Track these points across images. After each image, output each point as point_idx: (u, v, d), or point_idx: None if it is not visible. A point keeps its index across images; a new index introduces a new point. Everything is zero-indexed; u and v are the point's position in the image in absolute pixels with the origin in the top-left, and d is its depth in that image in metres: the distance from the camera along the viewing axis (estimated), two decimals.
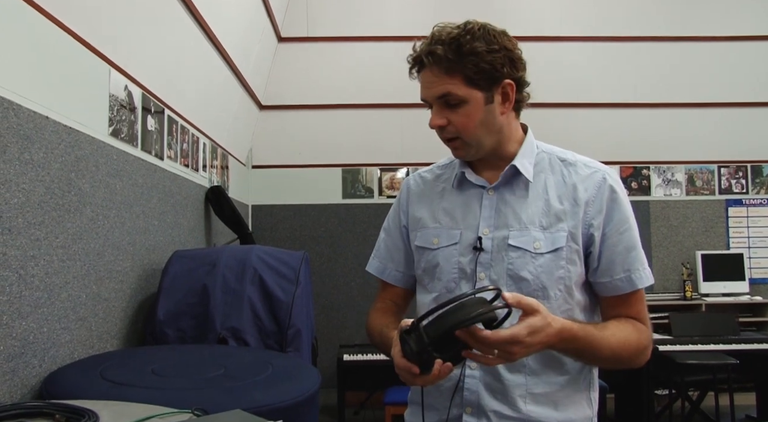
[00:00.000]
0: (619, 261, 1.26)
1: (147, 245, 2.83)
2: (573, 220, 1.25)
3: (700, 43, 5.23)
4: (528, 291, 1.22)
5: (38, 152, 1.88)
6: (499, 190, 1.31)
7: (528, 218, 1.27)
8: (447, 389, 1.27)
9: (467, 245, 1.29)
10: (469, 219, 1.31)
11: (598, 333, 1.20)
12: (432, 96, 1.25)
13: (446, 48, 1.21)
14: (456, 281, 1.29)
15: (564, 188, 1.28)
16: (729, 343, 4.16)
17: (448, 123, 1.26)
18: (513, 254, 1.25)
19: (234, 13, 3.81)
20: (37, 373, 1.85)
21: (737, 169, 5.73)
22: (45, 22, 1.92)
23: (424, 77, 1.26)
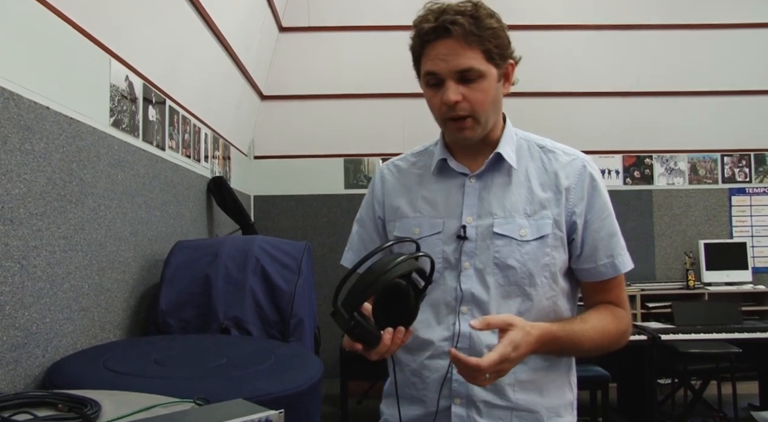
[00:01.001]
0: (602, 247, 1.27)
1: (149, 236, 2.83)
2: (557, 207, 1.25)
3: (704, 31, 5.20)
4: (515, 279, 1.23)
5: (39, 143, 1.88)
6: (481, 177, 1.29)
7: (512, 205, 1.26)
8: (434, 381, 1.26)
9: (451, 234, 1.26)
10: (452, 208, 1.28)
11: (578, 327, 1.22)
12: (451, 69, 1.19)
13: (468, 19, 1.17)
14: (440, 271, 1.26)
15: (545, 175, 1.28)
16: (732, 332, 4.16)
17: (464, 99, 1.20)
18: (499, 242, 1.24)
19: (235, 3, 3.79)
20: (40, 363, 1.86)
21: (740, 157, 5.71)
22: (45, 12, 1.91)
23: (440, 48, 1.19)
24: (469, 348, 1.22)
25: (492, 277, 1.23)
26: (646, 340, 4.05)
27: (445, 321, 1.25)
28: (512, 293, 1.24)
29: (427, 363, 1.26)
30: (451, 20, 1.17)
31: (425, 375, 1.26)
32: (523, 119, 3.93)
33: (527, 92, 5.23)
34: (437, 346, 1.25)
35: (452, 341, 1.23)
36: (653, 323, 4.60)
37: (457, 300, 1.25)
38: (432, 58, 1.20)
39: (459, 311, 1.24)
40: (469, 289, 1.24)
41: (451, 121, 1.23)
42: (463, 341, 1.23)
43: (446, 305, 1.26)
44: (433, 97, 1.24)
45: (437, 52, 1.19)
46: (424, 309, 1.24)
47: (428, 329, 1.26)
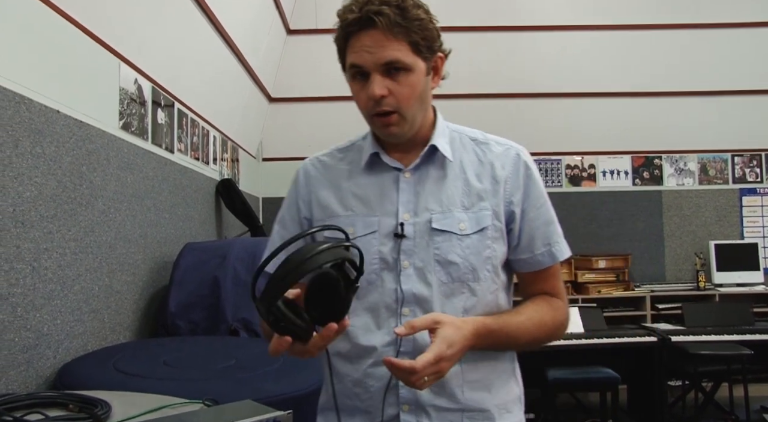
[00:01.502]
0: (540, 236, 1.24)
1: (158, 238, 2.85)
2: (494, 198, 1.21)
3: (713, 30, 5.16)
4: (458, 275, 1.18)
5: (50, 146, 1.89)
6: (416, 172, 1.23)
7: (449, 199, 1.21)
8: (379, 389, 1.18)
9: (387, 233, 1.19)
10: (386, 205, 1.21)
11: (513, 320, 1.19)
12: (376, 62, 1.12)
13: (394, 9, 1.11)
14: (377, 273, 1.19)
15: (481, 166, 1.24)
16: (743, 333, 4.13)
17: (390, 94, 1.14)
18: (438, 238, 1.18)
19: (243, 6, 3.81)
20: (51, 364, 1.87)
21: (751, 157, 5.67)
22: (55, 17, 1.93)
23: (365, 40, 1.13)
24: (413, 351, 1.14)
25: (434, 275, 1.18)
26: (657, 342, 4.03)
27: (386, 324, 1.18)
28: (456, 290, 1.19)
29: (371, 371, 1.19)
30: (375, 10, 1.11)
31: (369, 384, 1.19)
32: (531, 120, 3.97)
33: (535, 93, 5.22)
34: (380, 352, 1.17)
35: (395, 345, 1.16)
36: (663, 324, 4.58)
37: (398, 302, 1.18)
38: (357, 50, 1.14)
39: (401, 314, 1.18)
40: (410, 289, 1.18)
41: (377, 117, 1.17)
42: (406, 344, 1.16)
43: (386, 309, 1.18)
44: (359, 91, 1.17)
45: (362, 43, 1.13)
46: (361, 314, 1.19)
47: (369, 335, 1.19)
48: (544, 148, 5.48)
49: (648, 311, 5.05)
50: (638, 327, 4.44)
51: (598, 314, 4.30)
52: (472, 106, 5.15)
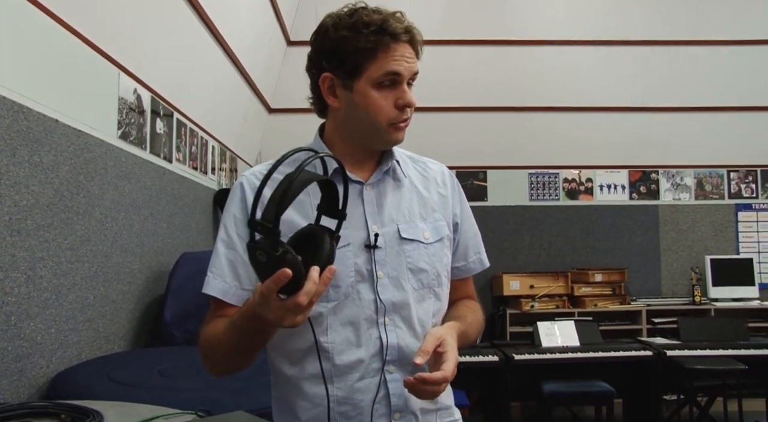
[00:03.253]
0: (471, 245, 1.36)
1: (155, 247, 2.85)
2: (444, 210, 1.30)
3: (710, 47, 5.21)
4: (427, 281, 1.24)
5: (48, 155, 1.90)
6: (376, 186, 1.26)
7: (409, 211, 1.26)
8: (367, 402, 1.17)
9: (359, 245, 1.20)
10: (354, 217, 1.20)
11: (466, 322, 1.28)
12: (410, 72, 1.21)
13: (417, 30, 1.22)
14: (353, 286, 1.18)
15: (427, 181, 1.32)
16: (738, 348, 4.13)
17: None
18: (407, 246, 1.23)
19: (243, 17, 3.83)
20: (45, 373, 1.87)
21: (747, 173, 5.69)
22: (55, 26, 1.94)
23: (405, 50, 1.19)
24: (398, 358, 1.18)
25: (407, 282, 1.21)
26: (652, 356, 4.02)
27: (368, 336, 1.18)
28: (425, 295, 1.24)
29: (358, 385, 1.17)
30: (414, 27, 1.21)
31: (358, 398, 1.17)
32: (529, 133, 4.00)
33: (534, 107, 5.25)
34: (368, 363, 1.17)
35: (381, 355, 1.17)
36: (659, 338, 4.57)
37: (378, 312, 1.18)
38: (398, 58, 1.18)
39: (383, 323, 1.18)
40: (389, 298, 1.19)
41: (395, 124, 1.22)
42: (392, 353, 1.17)
43: (366, 320, 1.18)
44: (384, 98, 1.19)
45: (403, 53, 1.19)
46: (340, 330, 1.18)
47: (352, 349, 1.17)
48: (541, 161, 5.50)
49: (644, 325, 5.05)
50: (634, 341, 4.44)
51: (594, 327, 4.30)
52: (470, 119, 5.18)
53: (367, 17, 1.19)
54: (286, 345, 1.21)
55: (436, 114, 4.88)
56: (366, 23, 1.18)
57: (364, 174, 1.26)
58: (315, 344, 1.15)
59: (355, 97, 1.20)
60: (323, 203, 1.06)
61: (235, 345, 1.12)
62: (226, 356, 1.18)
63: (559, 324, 4.25)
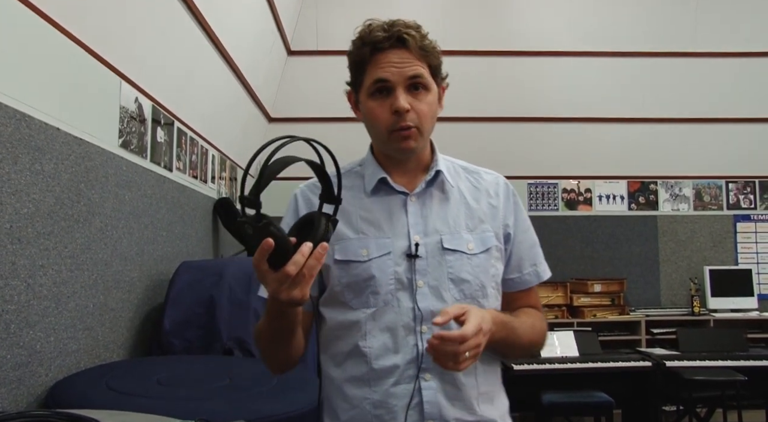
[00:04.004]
0: (527, 257, 1.34)
1: (155, 256, 2.85)
2: (493, 221, 1.30)
3: (709, 59, 5.23)
4: (470, 292, 1.24)
5: (49, 163, 1.90)
6: (421, 196, 1.29)
7: (454, 221, 1.27)
8: (401, 408, 1.20)
9: (400, 254, 1.24)
10: (397, 227, 1.26)
11: (516, 320, 1.27)
12: (403, 76, 1.20)
13: (418, 34, 1.22)
14: (393, 293, 1.22)
15: (477, 192, 1.33)
16: (737, 359, 4.12)
17: (411, 109, 1.21)
18: (449, 257, 1.24)
19: (244, 27, 3.85)
20: (43, 382, 1.86)
21: (745, 184, 5.70)
22: (57, 35, 1.95)
23: (392, 56, 1.21)
24: (434, 367, 1.18)
25: (448, 293, 1.23)
26: (651, 366, 4.02)
27: (405, 343, 1.21)
28: None
29: (393, 390, 1.21)
30: (405, 32, 1.21)
31: (392, 403, 1.20)
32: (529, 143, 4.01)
33: (533, 117, 5.27)
34: (403, 369, 1.21)
35: (417, 362, 1.20)
36: (658, 349, 4.57)
37: (416, 320, 1.21)
38: (383, 65, 1.21)
39: (420, 331, 1.21)
40: (428, 307, 1.21)
41: (396, 131, 1.22)
42: (428, 361, 1.18)
43: (404, 327, 1.22)
44: (378, 107, 1.22)
45: (389, 59, 1.21)
46: (378, 336, 1.22)
47: (389, 355, 1.22)
48: (540, 172, 5.51)
49: (643, 336, 5.04)
50: (633, 352, 4.43)
51: (593, 338, 4.29)
52: (469, 129, 5.19)
53: (359, 32, 1.25)
54: (331, 347, 1.27)
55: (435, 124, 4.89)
56: (357, 38, 1.25)
57: (410, 184, 1.30)
58: (356, 347, 1.22)
59: (362, 109, 1.27)
60: (324, 193, 1.13)
61: (268, 333, 1.20)
62: (266, 346, 1.25)
63: (558, 334, 4.24)
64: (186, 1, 2.82)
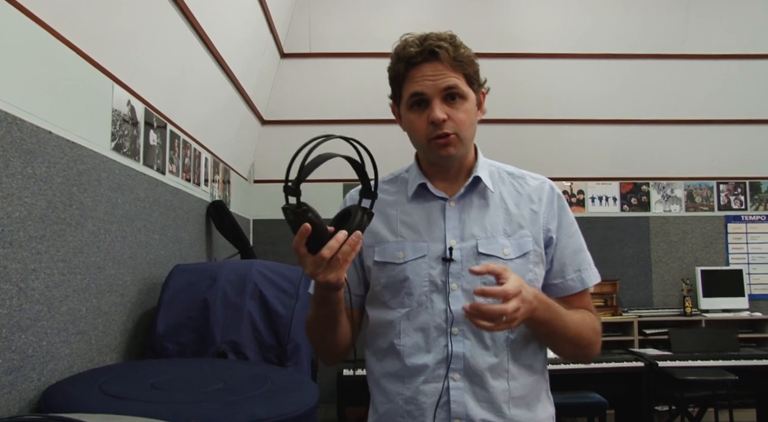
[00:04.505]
0: (570, 263, 1.35)
1: (148, 259, 2.84)
2: (533, 226, 1.32)
3: (700, 61, 5.26)
4: None
5: (41, 167, 1.90)
6: (460, 201, 1.33)
7: (492, 226, 1.30)
8: (430, 405, 1.25)
9: (436, 257, 1.29)
10: (435, 231, 1.31)
11: (562, 308, 1.27)
12: (438, 88, 1.25)
13: (450, 46, 1.25)
14: (427, 295, 1.28)
15: (519, 197, 1.35)
16: (729, 359, 4.15)
17: (449, 118, 1.26)
18: (484, 262, 1.27)
19: (237, 29, 3.85)
20: (36, 386, 1.86)
21: (736, 185, 5.74)
22: (48, 37, 1.94)
23: (426, 70, 1.26)
24: (463, 368, 1.24)
25: (481, 296, 1.24)
26: (644, 367, 4.04)
27: (437, 343, 1.26)
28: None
29: (423, 388, 1.26)
30: (436, 45, 1.25)
31: (421, 400, 1.26)
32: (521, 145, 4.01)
33: (525, 119, 5.28)
34: (432, 369, 1.26)
35: (446, 362, 1.25)
36: (650, 349, 4.59)
37: (447, 322, 1.26)
38: (418, 79, 1.26)
39: (450, 333, 1.26)
40: (459, 310, 1.24)
41: (435, 140, 1.27)
42: (457, 362, 1.25)
43: (436, 328, 1.27)
44: (417, 119, 1.28)
45: (423, 73, 1.26)
46: (412, 334, 1.28)
47: (420, 354, 1.27)
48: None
49: (635, 337, 5.06)
50: (626, 352, 4.45)
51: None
52: None
53: (394, 48, 1.31)
54: (373, 343, 1.36)
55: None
56: (393, 54, 1.31)
57: (451, 190, 1.34)
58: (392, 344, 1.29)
59: (404, 120, 1.33)
60: (363, 189, 1.21)
61: (314, 320, 1.27)
62: (314, 333, 1.32)
63: None
64: (179, 4, 2.82)
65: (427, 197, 1.34)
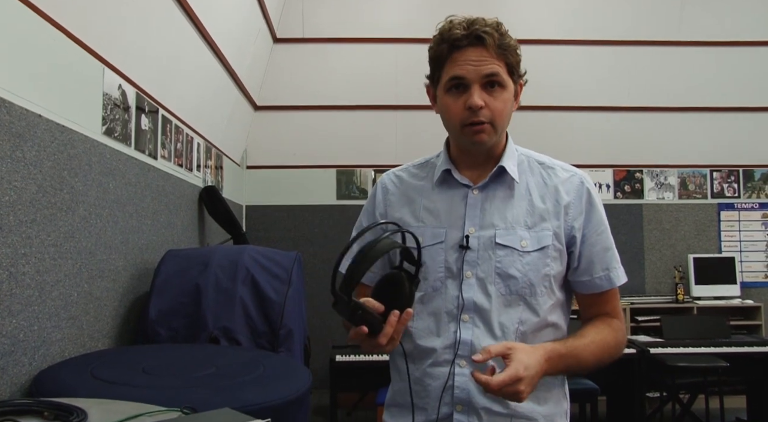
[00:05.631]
0: (598, 261, 1.32)
1: (140, 245, 2.83)
2: (556, 220, 1.29)
3: (695, 48, 5.26)
4: (516, 288, 1.26)
5: (30, 150, 1.88)
6: (484, 190, 1.32)
7: (513, 217, 1.29)
8: (436, 388, 1.27)
9: (453, 244, 1.29)
10: (454, 218, 1.31)
11: (579, 343, 1.26)
12: (480, 74, 1.23)
13: (496, 34, 1.24)
14: (442, 281, 1.29)
15: (546, 189, 1.32)
16: (720, 346, 4.18)
17: (486, 106, 1.24)
18: (500, 252, 1.27)
19: (229, 13, 3.81)
20: (27, 371, 1.85)
21: (729, 173, 5.76)
22: (38, 20, 1.92)
23: (471, 54, 1.24)
24: (470, 355, 1.24)
25: (494, 286, 1.26)
26: (635, 353, 4.06)
27: (447, 328, 1.27)
28: (513, 302, 1.26)
29: (429, 370, 1.28)
30: (483, 30, 1.23)
31: (427, 382, 1.28)
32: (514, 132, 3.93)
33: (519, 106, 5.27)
34: (439, 353, 1.27)
35: (454, 348, 1.26)
36: (642, 336, 4.62)
37: (458, 309, 1.27)
38: (460, 63, 1.24)
39: (460, 320, 1.26)
40: (471, 298, 1.26)
41: (469, 126, 1.26)
42: (464, 348, 1.25)
43: (448, 314, 1.28)
44: (453, 103, 1.26)
45: (466, 57, 1.24)
46: (425, 318, 1.29)
47: (430, 337, 1.29)
48: None
49: (627, 324, 5.09)
50: None
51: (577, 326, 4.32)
52: None
53: (439, 28, 1.28)
54: None
55: (420, 112, 4.89)
56: (438, 34, 1.28)
57: (477, 178, 1.33)
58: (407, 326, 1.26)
59: (439, 103, 1.31)
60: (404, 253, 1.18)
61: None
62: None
63: None
64: None
65: (452, 183, 1.34)
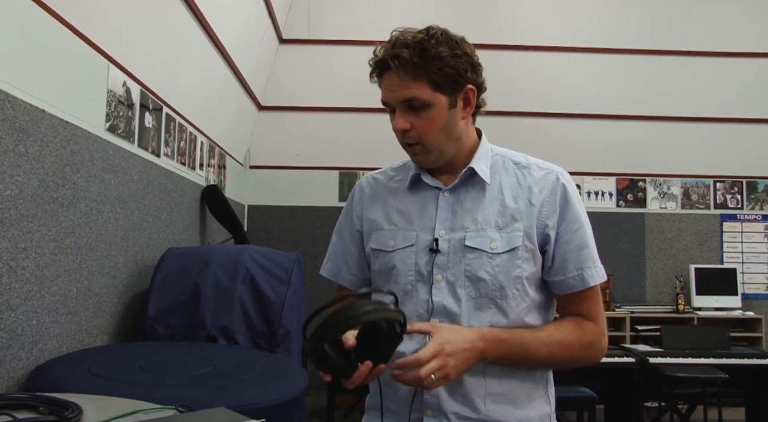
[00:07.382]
0: (572, 259, 1.28)
1: (140, 242, 2.83)
2: (528, 219, 1.27)
3: (700, 58, 5.25)
4: (486, 291, 1.24)
5: (33, 145, 1.88)
6: (455, 192, 1.31)
7: (484, 219, 1.27)
8: (406, 392, 1.26)
9: (423, 247, 1.28)
10: (425, 221, 1.30)
11: (529, 334, 1.24)
12: (396, 99, 1.24)
13: (411, 52, 1.20)
14: (413, 284, 1.28)
15: (519, 189, 1.30)
16: (719, 357, 4.16)
17: (411, 128, 1.24)
18: (470, 255, 1.25)
19: (235, 13, 3.82)
20: (24, 366, 1.85)
21: (732, 184, 5.75)
22: (44, 15, 1.92)
23: (387, 80, 1.24)
24: None
25: (463, 289, 1.25)
26: (634, 362, 4.04)
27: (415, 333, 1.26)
28: (483, 305, 1.24)
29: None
30: (393, 54, 1.21)
31: (397, 386, 1.25)
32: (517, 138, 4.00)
33: (522, 112, 5.27)
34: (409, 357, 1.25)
35: None
36: (642, 345, 4.60)
37: (428, 312, 1.25)
38: (384, 87, 1.26)
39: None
40: (441, 301, 1.25)
41: (406, 146, 1.29)
42: None
43: (418, 318, 1.26)
44: (391, 123, 1.28)
45: (386, 82, 1.25)
46: None
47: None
48: None
49: (627, 333, 5.08)
50: (617, 348, 4.45)
51: None
52: None
53: (375, 49, 1.29)
54: None
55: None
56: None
57: (449, 180, 1.32)
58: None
59: None
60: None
61: None
62: None
63: None
64: None
65: (423, 186, 1.34)
